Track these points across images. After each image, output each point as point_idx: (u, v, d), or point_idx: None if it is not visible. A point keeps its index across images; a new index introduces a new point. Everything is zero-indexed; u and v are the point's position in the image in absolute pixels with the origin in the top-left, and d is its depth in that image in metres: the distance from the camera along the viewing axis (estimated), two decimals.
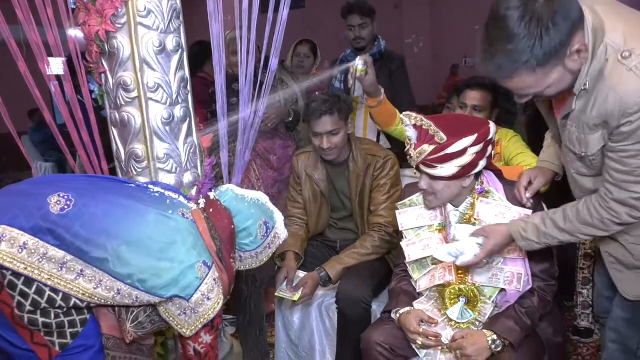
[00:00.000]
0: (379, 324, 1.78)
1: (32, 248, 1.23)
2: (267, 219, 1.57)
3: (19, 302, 1.24)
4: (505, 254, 1.62)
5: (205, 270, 1.38)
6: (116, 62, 1.73)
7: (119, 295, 1.31)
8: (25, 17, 1.72)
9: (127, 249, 1.30)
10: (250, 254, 1.58)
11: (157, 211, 1.39)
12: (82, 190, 1.34)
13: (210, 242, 1.45)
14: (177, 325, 1.40)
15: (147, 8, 1.70)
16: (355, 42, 2.94)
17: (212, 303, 1.41)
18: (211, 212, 1.49)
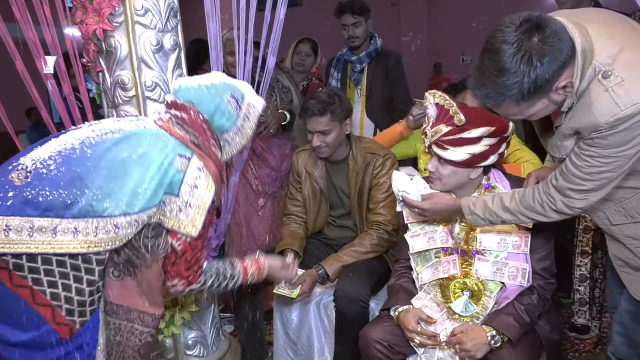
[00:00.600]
0: (377, 321, 1.78)
1: (17, 227, 1.20)
2: (232, 92, 1.51)
3: (34, 278, 1.23)
4: (510, 248, 1.63)
5: (185, 162, 1.36)
6: (114, 61, 1.73)
7: (120, 229, 1.29)
8: (22, 15, 1.72)
9: (104, 182, 1.27)
10: (233, 131, 1.52)
11: (114, 135, 1.35)
12: (37, 155, 1.30)
13: (182, 135, 1.42)
14: (181, 228, 1.37)
15: (145, 7, 1.70)
16: (350, 41, 2.93)
17: (202, 190, 1.38)
18: (173, 112, 1.46)
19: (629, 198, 1.37)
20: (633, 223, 1.39)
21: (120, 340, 1.42)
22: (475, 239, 1.68)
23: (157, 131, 1.40)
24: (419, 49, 9.39)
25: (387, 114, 2.97)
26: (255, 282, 1.70)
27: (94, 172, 1.26)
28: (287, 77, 2.85)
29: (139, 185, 1.29)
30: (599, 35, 1.23)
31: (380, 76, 2.96)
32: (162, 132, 1.40)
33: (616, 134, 1.20)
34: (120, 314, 1.42)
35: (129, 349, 1.44)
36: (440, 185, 1.69)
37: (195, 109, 1.45)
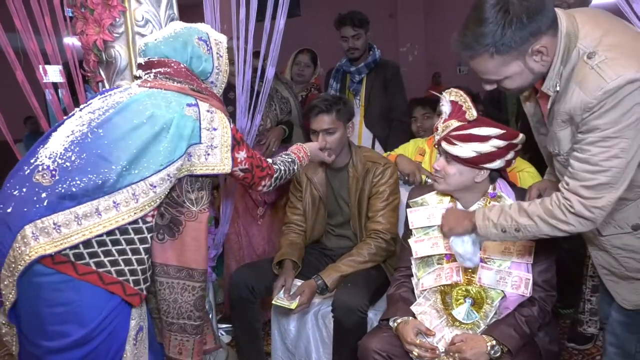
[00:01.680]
0: (376, 331, 1.77)
1: (64, 222, 1.26)
2: (198, 35, 1.54)
3: (96, 262, 1.30)
4: (514, 257, 1.63)
5: (194, 109, 1.42)
6: (114, 71, 1.74)
7: (157, 187, 1.35)
8: (23, 25, 1.73)
9: (127, 153, 1.32)
10: (215, 72, 1.57)
11: (114, 109, 1.38)
12: (51, 152, 1.34)
13: (176, 86, 1.46)
14: (215, 169, 1.46)
15: (145, 18, 1.71)
16: (350, 53, 2.96)
17: (221, 129, 1.46)
18: (154, 70, 1.49)
19: (619, 210, 1.38)
20: (622, 234, 1.40)
21: (176, 297, 1.54)
22: (480, 247, 1.68)
23: (151, 92, 1.43)
24: (417, 59, 9.43)
25: (385, 124, 2.99)
26: None
27: (113, 147, 1.32)
28: (286, 88, 2.87)
29: (160, 143, 1.35)
30: (585, 23, 1.29)
31: (379, 87, 2.98)
32: (156, 91, 1.43)
33: (607, 112, 1.21)
34: (172, 273, 1.52)
35: (185, 304, 1.55)
36: (444, 184, 1.70)
37: (173, 60, 1.49)
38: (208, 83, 1.56)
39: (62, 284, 1.28)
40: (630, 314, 1.47)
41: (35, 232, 1.24)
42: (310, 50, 3.53)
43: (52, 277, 1.27)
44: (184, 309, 1.55)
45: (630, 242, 1.39)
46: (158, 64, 1.48)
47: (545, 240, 1.64)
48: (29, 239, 1.23)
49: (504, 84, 1.37)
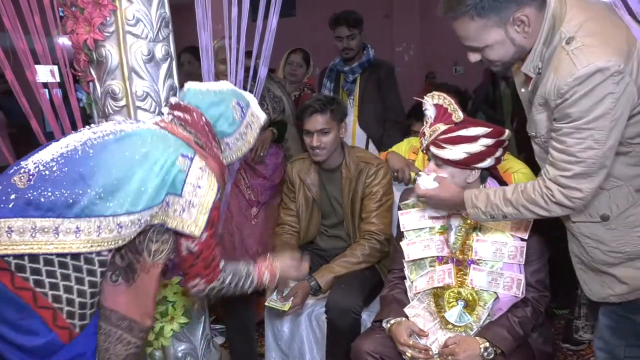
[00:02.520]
0: (369, 333, 1.77)
1: (19, 228, 1.21)
2: (238, 99, 1.53)
3: (36, 280, 1.23)
4: (506, 258, 1.63)
5: (187, 162, 1.37)
6: (104, 70, 1.72)
7: (122, 228, 1.29)
8: (12, 25, 1.71)
9: (107, 181, 1.27)
10: (235, 137, 1.53)
11: (116, 136, 1.36)
12: (39, 158, 1.31)
13: (184, 135, 1.43)
14: (185, 227, 1.38)
15: (136, 17, 1.70)
16: (344, 53, 2.95)
17: (205, 190, 1.38)
18: (176, 114, 1.47)
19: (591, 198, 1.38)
20: (590, 222, 1.39)
21: (107, 346, 1.43)
22: (471, 248, 1.67)
23: (158, 131, 1.41)
24: (412, 59, 9.43)
25: (379, 124, 2.98)
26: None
27: (96, 171, 1.27)
28: (278, 87, 2.85)
29: (142, 184, 1.29)
30: (573, 6, 1.30)
31: (373, 87, 2.97)
32: (163, 132, 1.41)
33: (579, 100, 1.23)
34: (113, 320, 1.42)
35: (114, 357, 1.44)
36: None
37: (199, 111, 1.46)
38: (223, 143, 1.52)
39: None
40: (617, 318, 1.45)
41: None
42: (303, 50, 3.52)
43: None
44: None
45: (597, 232, 1.39)
46: (183, 109, 1.47)
47: (538, 240, 1.65)
48: None
49: (486, 53, 1.39)
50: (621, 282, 1.37)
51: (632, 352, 1.44)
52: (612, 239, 1.36)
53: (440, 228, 1.75)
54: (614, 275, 1.38)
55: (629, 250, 1.35)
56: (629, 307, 1.41)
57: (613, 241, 1.36)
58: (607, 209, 1.36)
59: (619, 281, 1.38)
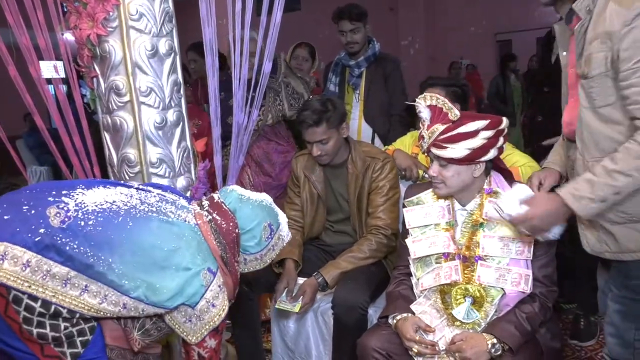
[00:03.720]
0: (375, 329, 1.76)
1: (35, 266, 1.21)
2: (271, 221, 1.56)
3: (26, 317, 1.23)
4: (513, 254, 1.61)
5: (211, 277, 1.37)
6: (108, 66, 1.71)
7: (125, 309, 1.30)
8: (15, 20, 1.70)
9: (132, 259, 1.28)
10: (255, 256, 1.56)
11: (159, 217, 1.37)
12: (82, 201, 1.31)
13: (215, 246, 1.43)
14: (183, 333, 1.39)
15: (139, 12, 1.68)
16: (349, 47, 2.92)
17: (217, 310, 1.40)
18: (215, 214, 1.48)
19: None
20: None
21: None
22: (478, 244, 1.66)
23: (195, 232, 1.41)
24: (418, 53, 9.38)
25: (385, 119, 2.95)
26: None
27: (125, 246, 1.28)
28: (301, 83, 2.80)
29: (161, 281, 1.31)
30: None
31: (379, 81, 2.95)
32: (199, 234, 1.41)
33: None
34: (128, 357, 1.43)
35: None
36: (446, 189, 1.67)
37: (235, 221, 1.48)
38: (241, 256, 1.54)
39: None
40: (626, 302, 1.47)
41: (5, 256, 1.19)
42: (309, 44, 3.50)
43: None
44: None
45: None
46: (222, 213, 1.47)
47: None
48: None
49: None
50: (616, 240, 1.42)
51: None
52: (625, 200, 1.37)
53: (446, 225, 1.73)
54: (612, 234, 1.42)
55: (634, 212, 1.38)
56: (638, 288, 1.44)
57: (625, 202, 1.37)
58: None
59: (615, 240, 1.42)
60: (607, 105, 1.37)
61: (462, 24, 8.97)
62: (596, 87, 1.37)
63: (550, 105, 2.58)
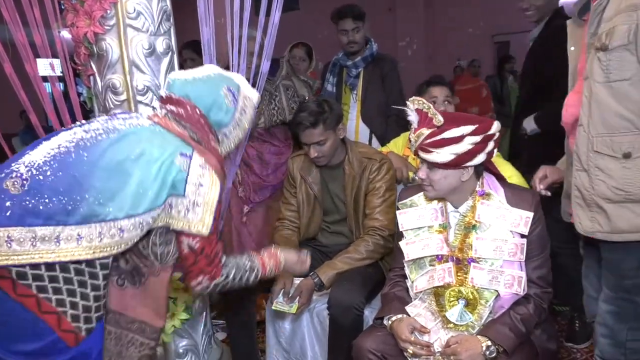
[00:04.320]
0: (371, 331, 1.76)
1: (18, 238, 1.18)
2: (228, 84, 1.47)
3: (39, 286, 1.22)
4: (506, 256, 1.61)
5: (186, 160, 1.33)
6: (105, 64, 1.71)
7: (125, 232, 1.26)
8: (11, 17, 1.69)
9: (105, 185, 1.24)
10: (231, 126, 1.49)
11: (109, 135, 1.31)
12: (31, 160, 1.27)
13: (180, 131, 1.39)
14: (191, 227, 1.34)
15: (137, 10, 1.68)
16: (349, 46, 2.92)
17: (207, 188, 1.35)
18: (169, 107, 1.43)
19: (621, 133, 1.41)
20: (610, 156, 1.42)
21: (120, 350, 1.42)
22: (471, 247, 1.66)
23: (153, 128, 1.37)
24: (416, 54, 9.40)
25: (382, 119, 2.96)
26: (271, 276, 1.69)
27: (92, 175, 1.24)
28: (304, 86, 2.77)
29: (141, 185, 1.26)
30: None
31: (376, 81, 2.95)
32: (158, 128, 1.37)
33: None
34: (122, 323, 1.42)
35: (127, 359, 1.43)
36: (433, 192, 1.67)
37: (192, 103, 1.42)
38: (220, 133, 1.49)
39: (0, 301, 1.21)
40: (619, 303, 1.48)
41: None
42: (306, 44, 3.50)
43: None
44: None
45: (612, 167, 1.42)
46: (175, 103, 1.42)
47: (540, 235, 1.64)
48: None
49: None
50: (608, 219, 1.43)
51: (634, 335, 1.48)
52: (623, 177, 1.40)
53: (439, 227, 1.73)
54: (605, 212, 1.44)
55: (632, 191, 1.40)
56: (631, 288, 1.44)
57: (622, 178, 1.40)
58: (632, 148, 1.39)
59: (607, 218, 1.44)
60: (622, 80, 1.38)
61: (460, 25, 8.99)
62: (614, 61, 1.38)
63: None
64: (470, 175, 1.64)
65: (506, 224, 1.62)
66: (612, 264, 1.48)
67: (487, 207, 1.65)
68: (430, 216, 1.74)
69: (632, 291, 1.45)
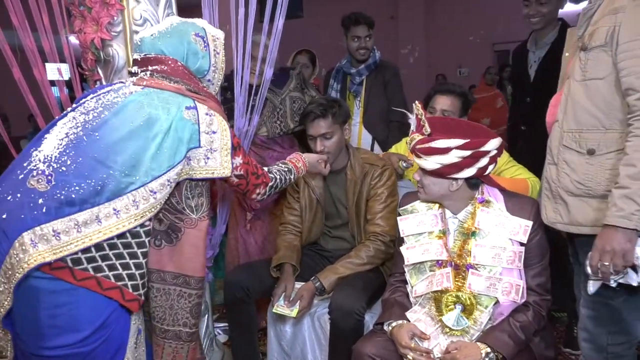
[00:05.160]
0: (371, 336, 1.77)
1: (62, 229, 1.23)
2: (194, 30, 1.50)
3: (94, 267, 1.28)
4: (504, 263, 1.62)
5: (193, 112, 1.39)
6: (112, 69, 1.73)
7: (157, 193, 1.33)
8: (20, 23, 1.72)
9: (124, 157, 1.29)
10: (212, 70, 1.54)
11: (110, 110, 1.35)
12: (46, 155, 1.31)
13: (173, 86, 1.42)
14: (215, 173, 1.44)
15: (143, 17, 1.71)
16: (359, 53, 2.93)
17: (220, 133, 1.43)
18: (149, 67, 1.44)
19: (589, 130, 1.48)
20: (576, 151, 1.49)
21: (171, 304, 1.52)
22: (469, 253, 1.67)
23: (148, 92, 1.39)
24: (417, 61, 9.44)
25: (384, 125, 2.98)
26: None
27: (110, 151, 1.29)
28: (311, 90, 2.80)
29: (158, 147, 1.32)
30: None
31: (378, 88, 2.98)
32: (152, 90, 1.39)
33: None
34: (168, 280, 1.50)
35: (181, 311, 1.53)
36: (424, 194, 1.72)
37: (170, 57, 1.44)
38: (205, 81, 1.53)
39: (60, 290, 1.26)
40: (596, 307, 1.51)
41: (34, 239, 1.21)
42: (309, 51, 3.52)
43: (50, 283, 1.25)
44: (180, 316, 1.52)
45: (576, 162, 1.50)
46: (155, 61, 1.44)
47: (539, 243, 1.65)
48: (27, 246, 1.20)
49: None
50: (568, 211, 1.52)
51: (614, 339, 1.51)
52: (585, 172, 1.48)
53: (439, 232, 1.74)
54: (566, 204, 1.53)
55: (592, 187, 1.47)
56: (606, 292, 1.47)
57: (584, 174, 1.48)
58: (597, 145, 1.45)
59: (567, 210, 1.52)
60: (596, 79, 1.45)
61: (461, 33, 9.04)
62: (591, 60, 1.45)
63: (531, 115, 2.65)
64: (459, 186, 1.65)
65: (505, 231, 1.64)
66: (586, 269, 1.48)
67: (487, 215, 1.66)
68: (431, 222, 1.76)
69: (604, 294, 1.47)
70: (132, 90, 1.40)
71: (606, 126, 1.45)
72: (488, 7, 8.56)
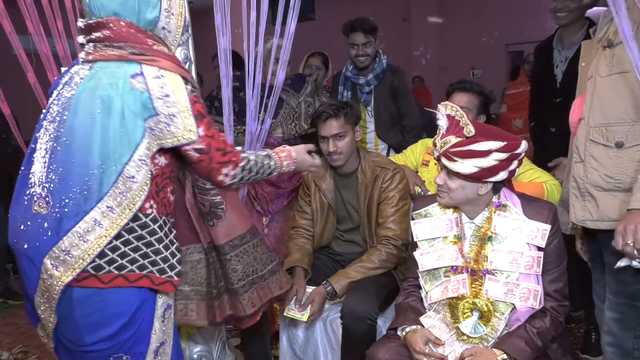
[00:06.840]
0: (384, 341, 1.75)
1: (70, 245, 1.26)
2: None
3: (117, 267, 1.30)
4: (522, 269, 1.60)
5: (140, 79, 1.30)
6: None
7: (136, 176, 1.30)
8: (35, 28, 1.74)
9: (97, 151, 1.28)
10: (164, 15, 1.42)
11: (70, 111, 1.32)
12: (38, 178, 1.32)
13: (115, 53, 1.33)
14: (180, 140, 1.34)
15: None
16: (358, 61, 2.88)
17: (175, 95, 1.32)
18: (94, 36, 1.36)
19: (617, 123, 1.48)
20: (604, 145, 1.49)
21: (251, 261, 1.68)
22: (486, 258, 1.64)
23: (94, 71, 1.33)
24: (430, 63, 9.41)
25: (396, 129, 2.95)
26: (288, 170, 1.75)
27: (83, 152, 1.28)
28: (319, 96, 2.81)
29: (119, 129, 1.28)
30: None
31: (386, 95, 2.93)
32: (99, 67, 1.34)
33: None
34: (237, 244, 1.65)
35: (263, 254, 1.72)
36: (448, 199, 1.66)
37: (113, 18, 1.34)
38: (159, 30, 1.42)
39: (91, 294, 1.31)
40: (622, 309, 1.49)
41: (53, 263, 1.26)
42: (322, 54, 3.52)
43: (81, 291, 1.30)
44: (266, 257, 1.73)
45: (604, 155, 1.49)
46: (97, 27, 1.35)
47: (557, 248, 1.62)
48: (51, 271, 1.26)
49: None
50: (597, 207, 1.51)
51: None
52: (614, 165, 1.47)
53: (454, 237, 1.72)
54: (595, 200, 1.52)
55: (621, 179, 1.46)
56: (634, 293, 1.45)
57: (614, 167, 1.47)
58: (625, 138, 1.46)
59: (596, 206, 1.51)
60: (622, 72, 1.45)
61: (474, 35, 8.99)
62: (617, 55, 1.46)
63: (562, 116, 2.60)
64: (488, 190, 1.63)
65: (523, 236, 1.61)
66: (613, 267, 1.46)
67: (504, 219, 1.63)
68: (445, 227, 1.73)
69: (635, 296, 1.45)
70: (81, 76, 1.35)
71: (634, 118, 1.44)
72: (501, 8, 8.50)
